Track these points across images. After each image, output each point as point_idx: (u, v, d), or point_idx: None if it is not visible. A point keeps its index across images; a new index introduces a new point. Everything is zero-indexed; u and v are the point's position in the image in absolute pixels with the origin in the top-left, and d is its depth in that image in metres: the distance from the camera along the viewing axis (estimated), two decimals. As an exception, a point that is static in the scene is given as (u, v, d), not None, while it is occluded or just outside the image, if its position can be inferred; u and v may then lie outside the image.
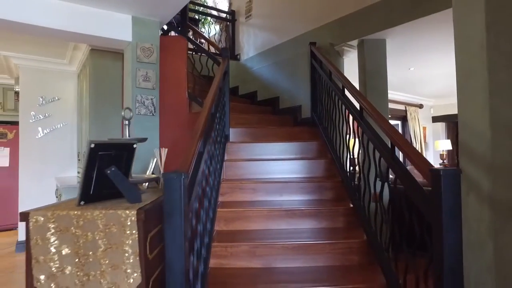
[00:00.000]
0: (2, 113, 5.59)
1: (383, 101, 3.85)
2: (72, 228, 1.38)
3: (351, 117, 2.88)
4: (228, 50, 3.73)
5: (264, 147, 3.55)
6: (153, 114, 3.20)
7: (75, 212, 1.39)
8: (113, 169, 1.50)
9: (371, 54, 3.90)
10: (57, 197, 4.28)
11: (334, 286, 2.08)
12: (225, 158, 3.27)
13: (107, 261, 1.38)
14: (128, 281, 1.38)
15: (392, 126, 2.10)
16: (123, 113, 1.87)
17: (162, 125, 3.36)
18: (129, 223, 1.37)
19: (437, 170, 1.44)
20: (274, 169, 3.31)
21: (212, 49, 5.00)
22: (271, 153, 3.53)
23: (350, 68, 4.16)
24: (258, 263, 2.31)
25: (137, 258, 1.37)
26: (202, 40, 5.53)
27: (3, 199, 5.44)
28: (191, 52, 4.28)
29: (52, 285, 1.37)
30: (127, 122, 1.91)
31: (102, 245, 1.38)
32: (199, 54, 4.37)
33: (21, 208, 4.43)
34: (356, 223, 2.65)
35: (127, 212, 1.37)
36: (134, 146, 1.63)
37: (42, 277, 1.38)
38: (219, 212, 2.61)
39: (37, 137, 4.47)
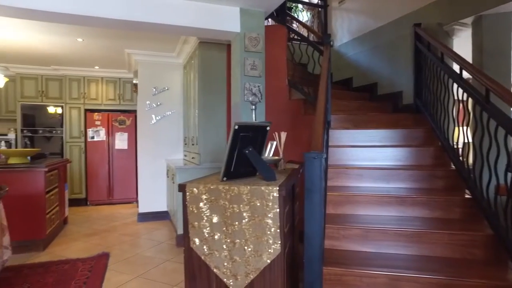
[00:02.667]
0: (122, 103, 6.45)
1: (506, 84, 3.44)
2: (221, 200, 1.58)
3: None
4: (330, 36, 3.71)
5: (366, 134, 3.50)
6: (259, 101, 3.38)
7: (224, 186, 1.58)
8: (250, 149, 1.66)
9: (491, 31, 3.50)
10: (168, 176, 4.82)
11: (456, 278, 2.00)
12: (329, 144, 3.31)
13: (250, 231, 1.55)
14: (269, 250, 1.53)
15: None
16: (250, 99, 2.03)
17: (265, 111, 3.52)
18: (271, 198, 1.51)
19: None
20: (378, 155, 3.24)
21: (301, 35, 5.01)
22: (373, 139, 3.47)
23: (459, 49, 3.80)
24: (370, 247, 2.33)
25: (278, 230, 1.51)
26: (294, 26, 5.57)
27: (124, 177, 6.32)
28: (289, 41, 4.36)
29: (204, 247, 1.60)
30: (253, 106, 2.07)
31: (246, 216, 1.55)
32: (299, 42, 4.43)
33: (140, 185, 5.09)
34: (477, 216, 2.48)
35: (270, 188, 1.52)
36: (267, 128, 1.78)
37: (196, 239, 1.61)
38: (328, 196, 2.67)
39: (151, 123, 5.07)
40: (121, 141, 6.27)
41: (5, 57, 5.42)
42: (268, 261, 1.54)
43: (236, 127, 1.59)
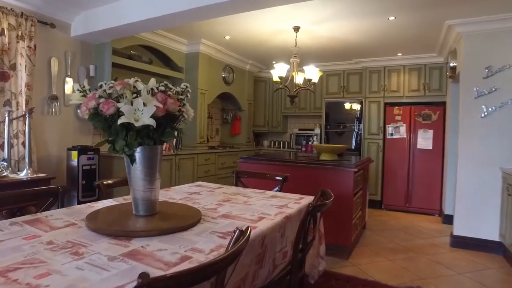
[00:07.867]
0: (427, 94, 5.40)
1: None
2: None
3: None
4: None
5: None
6: None
7: None
8: None
9: None
10: (507, 193, 3.33)
11: None
12: None
13: None
14: None
15: None
16: None
17: None
18: None
19: None
20: None
21: None
22: None
23: None
24: None
25: None
26: None
27: (425, 182, 5.29)
28: None
29: None
30: None
31: None
32: None
33: (457, 198, 3.87)
34: None
35: None
36: None
37: None
38: None
39: (479, 117, 3.71)
40: (424, 140, 5.24)
41: (317, 57, 5.71)
42: None
43: None
